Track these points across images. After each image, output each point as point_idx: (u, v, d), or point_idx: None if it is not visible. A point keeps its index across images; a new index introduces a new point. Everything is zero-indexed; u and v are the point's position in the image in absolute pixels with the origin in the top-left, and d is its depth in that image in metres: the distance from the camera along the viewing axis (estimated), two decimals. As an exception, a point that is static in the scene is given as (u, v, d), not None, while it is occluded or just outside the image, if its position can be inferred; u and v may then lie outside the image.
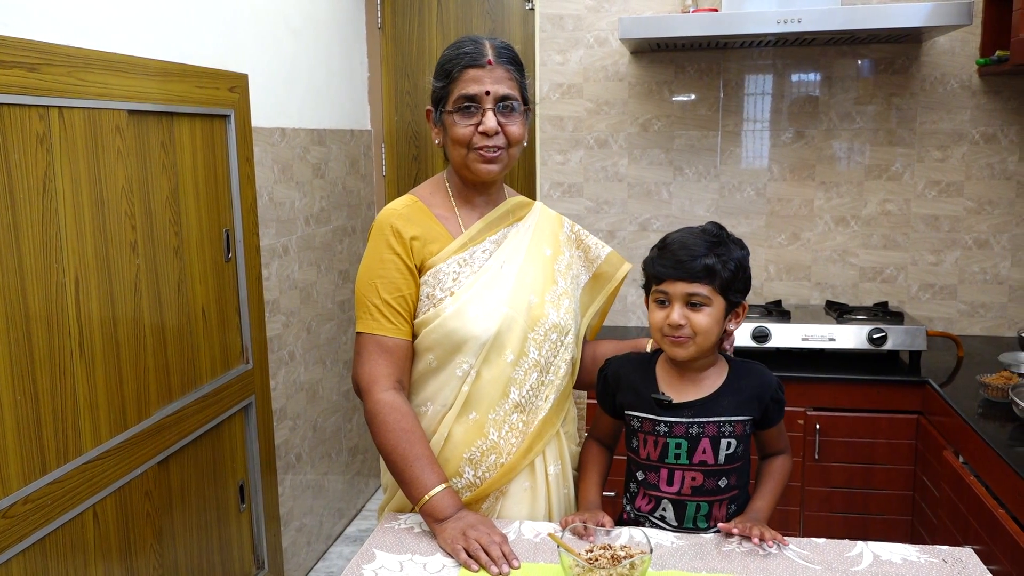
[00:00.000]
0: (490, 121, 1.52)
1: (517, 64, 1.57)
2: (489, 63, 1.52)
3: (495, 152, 1.55)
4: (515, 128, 1.55)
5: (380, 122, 3.72)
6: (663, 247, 1.51)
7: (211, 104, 2.23)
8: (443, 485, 1.48)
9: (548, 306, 1.60)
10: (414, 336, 1.58)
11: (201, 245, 2.22)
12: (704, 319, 1.47)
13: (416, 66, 3.67)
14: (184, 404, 2.13)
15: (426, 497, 1.46)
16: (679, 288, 1.47)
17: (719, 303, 1.48)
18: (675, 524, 1.53)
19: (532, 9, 3.47)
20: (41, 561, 1.66)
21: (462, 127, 1.53)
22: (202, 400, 2.21)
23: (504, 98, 1.53)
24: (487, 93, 1.51)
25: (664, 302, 1.49)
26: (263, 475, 2.55)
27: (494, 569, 1.36)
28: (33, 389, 1.64)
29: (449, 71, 1.54)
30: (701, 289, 1.46)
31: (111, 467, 1.85)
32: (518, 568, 1.37)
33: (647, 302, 1.57)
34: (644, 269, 1.54)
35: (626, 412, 1.57)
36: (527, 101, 1.59)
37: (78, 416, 1.76)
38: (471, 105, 1.52)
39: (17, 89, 1.57)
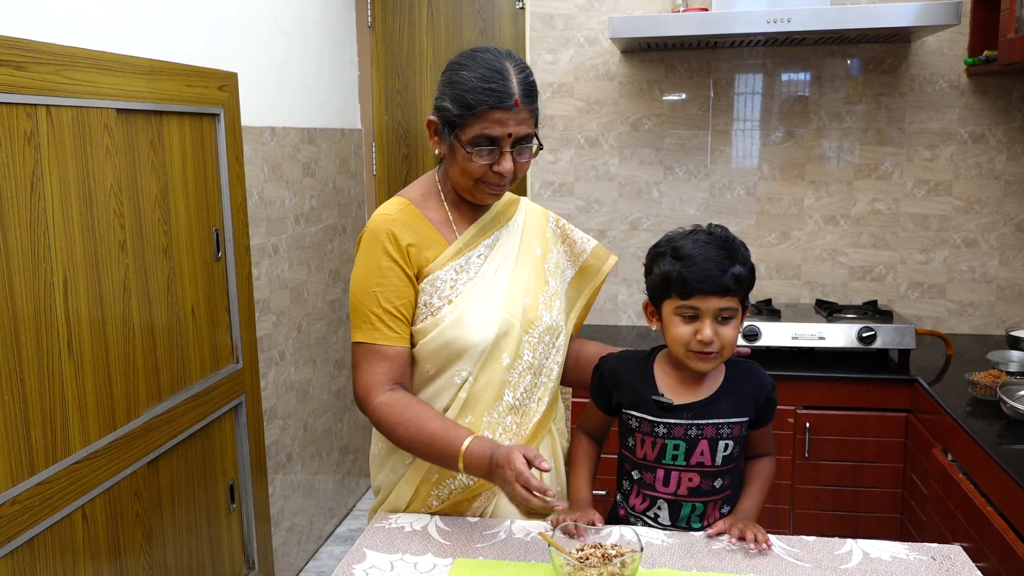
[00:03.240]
0: (507, 164, 1.48)
1: (536, 96, 1.52)
2: (516, 104, 1.45)
3: (502, 188, 1.53)
4: (525, 163, 1.52)
5: (370, 121, 3.71)
6: (682, 258, 1.44)
7: (200, 103, 2.22)
8: (464, 443, 1.42)
9: (541, 308, 1.60)
10: (413, 344, 1.57)
11: (191, 244, 2.21)
12: (732, 332, 1.45)
13: (406, 65, 3.67)
14: (174, 404, 2.12)
15: (460, 466, 1.43)
16: (712, 304, 1.43)
17: (740, 310, 1.47)
18: (668, 524, 1.53)
19: (522, 8, 3.46)
20: (30, 562, 1.65)
21: (477, 164, 1.48)
22: (192, 400, 2.20)
23: (522, 138, 1.49)
24: (508, 136, 1.46)
25: (693, 317, 1.45)
26: (253, 475, 2.54)
27: (536, 502, 1.34)
28: (21, 389, 1.62)
29: (472, 105, 1.45)
30: (732, 303, 1.44)
31: (100, 467, 1.84)
32: (552, 495, 1.34)
33: (649, 312, 1.56)
34: (662, 280, 1.47)
35: (624, 411, 1.57)
36: (537, 126, 1.54)
37: (67, 416, 1.75)
38: (489, 146, 1.47)
39: (4, 87, 1.56)
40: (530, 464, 1.35)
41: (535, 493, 1.33)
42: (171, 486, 2.15)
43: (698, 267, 1.42)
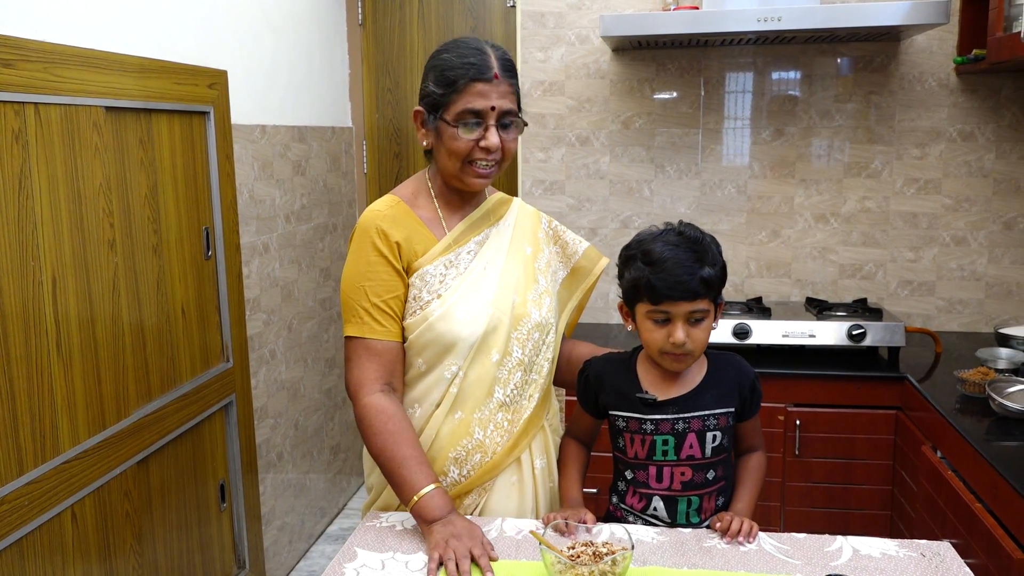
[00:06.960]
0: (493, 138, 1.50)
1: (515, 74, 1.56)
2: (495, 77, 1.49)
3: (491, 168, 1.54)
4: (512, 143, 1.55)
5: (361, 119, 3.70)
6: (651, 263, 1.46)
7: (190, 101, 2.22)
8: (432, 486, 1.46)
9: (531, 305, 1.61)
10: (403, 339, 1.58)
11: (180, 243, 2.20)
12: (704, 333, 1.47)
13: (397, 63, 3.66)
14: (164, 403, 2.11)
15: (415, 498, 1.46)
16: (682, 308, 1.44)
17: (712, 309, 1.49)
18: (668, 520, 1.54)
19: (513, 6, 3.46)
20: (19, 562, 1.65)
21: (463, 141, 1.50)
22: (182, 399, 2.19)
23: (506, 113, 1.52)
24: (492, 109, 1.49)
25: (665, 321, 1.47)
26: (244, 474, 2.53)
27: None
28: (9, 388, 1.62)
29: (453, 81, 1.49)
30: (702, 304, 1.45)
31: (89, 467, 1.84)
32: None
33: (624, 312, 1.56)
34: (633, 286, 1.49)
35: (610, 412, 1.57)
36: (520, 110, 1.58)
37: (55, 416, 1.74)
38: (474, 120, 1.50)
39: (-8, 85, 1.55)
40: (474, 560, 1.37)
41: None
42: (161, 486, 2.14)
43: (667, 273, 1.44)
